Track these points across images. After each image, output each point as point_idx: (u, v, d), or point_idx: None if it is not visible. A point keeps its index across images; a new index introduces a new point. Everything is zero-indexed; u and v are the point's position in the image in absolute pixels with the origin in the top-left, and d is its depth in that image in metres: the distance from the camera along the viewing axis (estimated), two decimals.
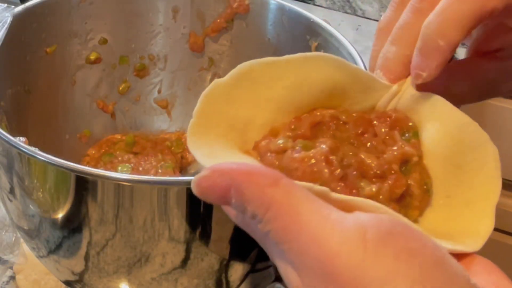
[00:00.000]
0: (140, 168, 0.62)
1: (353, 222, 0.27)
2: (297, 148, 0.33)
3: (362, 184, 0.33)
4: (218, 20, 0.64)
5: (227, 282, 0.48)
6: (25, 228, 0.49)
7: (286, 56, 0.36)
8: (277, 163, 0.33)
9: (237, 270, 0.48)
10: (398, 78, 0.36)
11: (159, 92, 0.67)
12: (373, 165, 0.33)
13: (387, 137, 0.35)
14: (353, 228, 0.27)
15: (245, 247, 0.47)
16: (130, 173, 0.61)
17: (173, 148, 0.66)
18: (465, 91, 0.38)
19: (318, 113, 0.35)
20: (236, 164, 0.29)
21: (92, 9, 0.61)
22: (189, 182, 0.43)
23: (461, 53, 0.37)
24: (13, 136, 0.43)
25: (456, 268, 0.27)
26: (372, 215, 0.28)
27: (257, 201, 0.28)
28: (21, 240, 0.59)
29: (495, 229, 0.33)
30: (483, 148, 0.34)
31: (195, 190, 0.30)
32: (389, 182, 0.33)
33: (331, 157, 0.32)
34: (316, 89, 0.36)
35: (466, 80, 0.38)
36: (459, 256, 0.30)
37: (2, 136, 0.43)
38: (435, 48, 0.33)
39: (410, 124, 0.36)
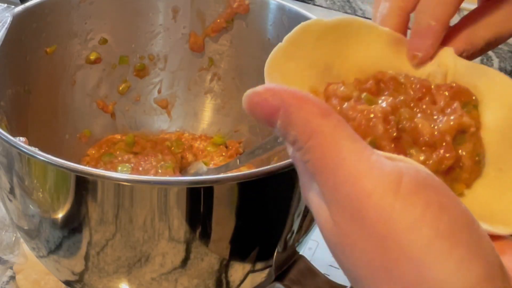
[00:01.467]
0: (140, 168, 0.62)
1: (392, 167, 0.28)
2: (361, 99, 0.34)
3: (411, 150, 0.33)
4: (218, 20, 0.64)
5: (227, 282, 0.48)
6: (25, 228, 0.49)
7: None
8: (338, 108, 0.34)
9: (237, 270, 0.48)
10: (396, 30, 0.38)
11: (159, 92, 0.67)
12: (425, 132, 0.33)
13: (447, 107, 0.35)
14: (390, 172, 0.27)
15: (245, 247, 0.47)
16: (130, 173, 0.61)
17: (173, 148, 0.66)
18: (484, 36, 0.39)
19: (379, 72, 0.36)
20: (290, 88, 0.29)
21: (92, 9, 0.61)
22: (189, 182, 0.43)
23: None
24: (13, 136, 0.43)
25: (483, 234, 0.28)
26: (411, 165, 0.28)
27: (301, 127, 0.28)
28: (21, 240, 0.59)
29: None
30: None
31: (245, 104, 0.30)
32: (439, 153, 0.33)
33: (390, 117, 0.33)
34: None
35: (483, 25, 0.39)
36: (494, 236, 0.30)
37: (2, 136, 0.43)
38: (427, 29, 0.35)
39: (473, 97, 0.36)
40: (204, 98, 0.67)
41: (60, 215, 0.45)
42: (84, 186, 0.42)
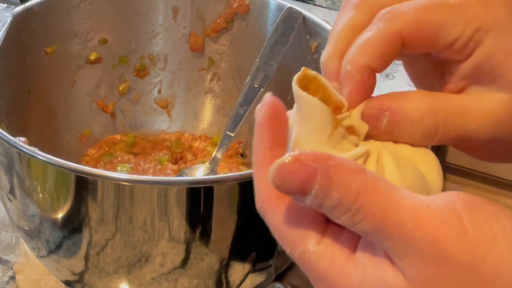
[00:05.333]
0: (140, 169, 0.62)
1: (441, 200, 0.28)
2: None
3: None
4: (218, 20, 0.64)
5: (227, 282, 0.48)
6: (25, 228, 0.49)
7: None
8: None
9: (237, 270, 0.48)
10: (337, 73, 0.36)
11: (159, 92, 0.67)
12: None
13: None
14: (444, 206, 0.28)
15: (245, 247, 0.47)
16: (129, 173, 0.61)
17: (173, 148, 0.66)
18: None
19: None
20: (322, 153, 0.28)
21: (92, 9, 0.61)
22: (189, 182, 0.43)
23: None
24: (13, 136, 0.43)
25: None
26: (449, 193, 0.29)
27: (346, 187, 0.27)
28: (22, 240, 0.59)
29: None
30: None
31: (274, 175, 0.28)
32: None
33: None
34: None
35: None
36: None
37: (2, 136, 0.43)
38: (345, 74, 0.34)
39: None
40: (204, 98, 0.67)
41: (60, 215, 0.45)
42: (84, 186, 0.42)
